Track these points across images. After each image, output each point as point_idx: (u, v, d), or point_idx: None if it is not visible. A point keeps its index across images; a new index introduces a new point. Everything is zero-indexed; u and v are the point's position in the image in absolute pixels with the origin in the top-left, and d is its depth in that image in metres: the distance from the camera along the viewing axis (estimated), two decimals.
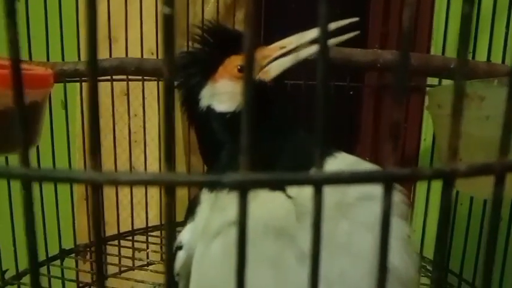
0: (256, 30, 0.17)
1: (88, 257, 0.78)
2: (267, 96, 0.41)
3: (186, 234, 0.39)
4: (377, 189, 0.17)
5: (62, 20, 0.70)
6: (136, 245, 0.82)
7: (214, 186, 0.16)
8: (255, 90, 0.44)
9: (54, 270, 0.72)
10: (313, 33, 0.40)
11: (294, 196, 0.37)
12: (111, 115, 0.82)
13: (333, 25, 0.38)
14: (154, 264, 0.78)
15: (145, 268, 0.78)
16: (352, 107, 1.01)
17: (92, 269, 0.77)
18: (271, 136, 0.39)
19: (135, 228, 0.85)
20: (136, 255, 0.80)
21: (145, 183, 0.16)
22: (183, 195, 0.84)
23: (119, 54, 0.77)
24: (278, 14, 0.92)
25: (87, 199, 0.79)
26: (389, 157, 0.17)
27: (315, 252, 0.17)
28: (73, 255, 0.76)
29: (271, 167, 0.37)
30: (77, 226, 0.79)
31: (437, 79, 0.68)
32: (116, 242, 0.81)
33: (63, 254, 0.74)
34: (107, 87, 0.79)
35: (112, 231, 0.82)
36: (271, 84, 0.41)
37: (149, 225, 0.86)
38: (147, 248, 0.83)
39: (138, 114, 0.89)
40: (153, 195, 0.90)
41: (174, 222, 0.17)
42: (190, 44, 0.86)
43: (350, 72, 0.75)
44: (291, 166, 0.38)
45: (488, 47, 0.64)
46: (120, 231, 0.83)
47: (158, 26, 0.81)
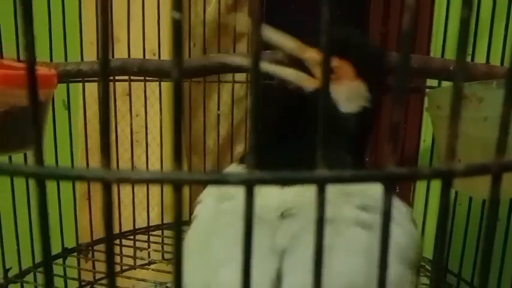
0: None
1: (90, 255, 0.78)
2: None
3: (206, 192, 0.41)
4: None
5: (65, 20, 0.71)
6: (138, 244, 0.83)
7: (221, 184, 0.17)
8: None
9: (57, 269, 0.73)
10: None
11: (291, 195, 0.38)
12: (113, 115, 0.82)
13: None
14: (155, 263, 0.79)
15: (146, 267, 0.78)
16: None
17: (94, 267, 0.78)
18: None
19: (136, 227, 0.85)
20: (138, 254, 0.81)
21: (154, 181, 0.17)
22: (185, 196, 0.85)
23: (120, 54, 0.78)
24: (278, 15, 0.93)
25: (89, 198, 0.80)
26: (389, 157, 0.18)
27: (318, 248, 0.18)
28: (75, 254, 0.77)
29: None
30: (79, 225, 0.79)
31: (437, 81, 0.69)
32: (118, 241, 0.82)
33: (66, 252, 0.75)
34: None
35: (115, 230, 0.83)
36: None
37: (150, 225, 0.87)
38: (149, 247, 0.84)
39: (140, 114, 0.89)
40: (154, 195, 0.91)
41: (182, 218, 0.17)
42: (192, 44, 0.88)
43: None
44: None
45: (487, 49, 0.65)
46: (122, 231, 0.84)
47: (160, 27, 0.82)
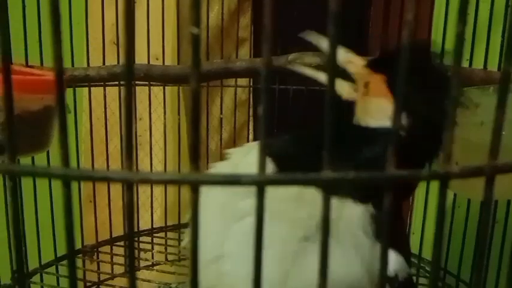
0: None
1: (95, 257, 0.80)
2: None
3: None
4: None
5: (71, 27, 0.72)
6: (142, 245, 0.84)
7: (236, 184, 0.18)
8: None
9: (62, 270, 0.74)
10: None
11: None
12: (118, 119, 0.84)
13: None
14: (159, 264, 0.80)
15: (150, 268, 0.80)
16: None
17: (99, 268, 0.79)
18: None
19: (140, 229, 0.87)
20: (142, 255, 0.82)
21: (173, 182, 0.18)
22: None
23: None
24: (281, 22, 0.95)
25: (94, 201, 0.81)
26: (390, 160, 0.19)
27: (324, 248, 0.19)
28: (80, 255, 0.78)
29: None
30: (84, 227, 0.81)
31: None
32: (122, 242, 0.83)
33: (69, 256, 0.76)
34: (112, 91, 0.81)
35: (118, 232, 0.84)
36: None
37: (154, 227, 0.88)
38: (152, 248, 0.85)
39: (143, 118, 0.91)
40: (157, 197, 0.92)
41: (198, 218, 0.19)
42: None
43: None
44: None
45: (484, 55, 0.66)
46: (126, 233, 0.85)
47: (164, 32, 0.83)
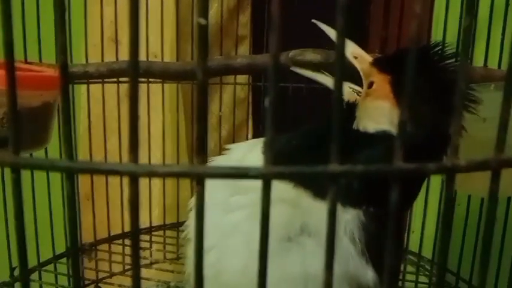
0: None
1: (93, 255, 0.79)
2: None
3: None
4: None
5: (70, 23, 0.72)
6: (140, 244, 0.84)
7: (241, 177, 0.18)
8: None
9: (61, 268, 0.74)
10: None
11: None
12: (116, 116, 0.84)
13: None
14: (158, 263, 0.80)
15: (149, 266, 0.79)
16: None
17: (97, 267, 0.79)
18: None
19: (139, 228, 0.86)
20: (141, 254, 0.81)
21: (180, 174, 0.18)
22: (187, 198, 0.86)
23: (123, 56, 0.79)
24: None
25: (92, 199, 0.81)
26: (397, 153, 0.19)
27: (330, 242, 0.19)
28: (79, 253, 0.78)
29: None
30: (82, 226, 0.80)
31: None
32: (121, 241, 0.83)
33: (70, 252, 0.76)
34: (111, 88, 0.81)
35: (117, 230, 0.84)
36: None
37: (152, 225, 0.88)
38: (151, 247, 0.85)
39: (142, 116, 0.91)
40: (156, 195, 0.92)
41: (204, 210, 0.19)
42: (194, 46, 0.89)
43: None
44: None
45: (485, 53, 0.66)
46: (124, 231, 0.85)
47: (163, 30, 0.83)
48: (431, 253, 0.74)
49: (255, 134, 0.94)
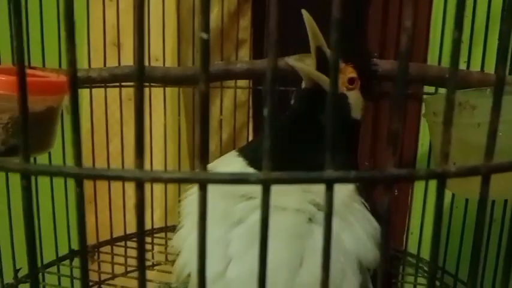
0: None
1: (96, 257, 0.80)
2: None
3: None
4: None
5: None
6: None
7: (242, 183, 0.19)
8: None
9: (64, 270, 0.75)
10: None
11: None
12: (118, 120, 0.85)
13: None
14: (160, 264, 0.81)
15: (150, 268, 0.80)
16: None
17: (100, 268, 0.80)
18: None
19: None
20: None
21: (184, 180, 0.19)
22: None
23: (125, 60, 0.80)
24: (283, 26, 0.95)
25: (95, 202, 0.82)
26: (389, 160, 0.20)
27: (326, 242, 0.20)
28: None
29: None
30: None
31: (434, 87, 0.71)
32: (123, 243, 0.84)
33: (73, 254, 0.77)
34: (112, 92, 0.82)
35: (119, 232, 0.85)
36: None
37: (154, 227, 0.89)
38: (153, 248, 0.86)
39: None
40: (157, 197, 0.93)
41: (206, 214, 0.19)
42: (195, 50, 0.90)
43: None
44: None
45: (482, 57, 0.67)
46: (127, 233, 0.86)
47: (165, 33, 0.84)
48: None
49: (255, 137, 0.95)
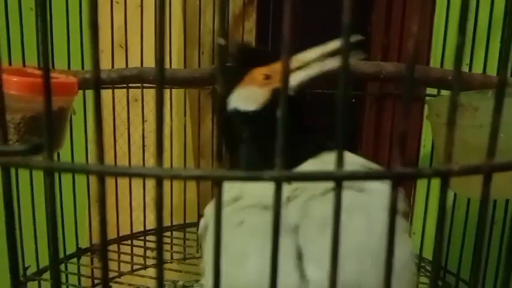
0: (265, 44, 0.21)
1: None
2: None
3: (208, 206, 0.46)
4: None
5: (82, 31, 0.74)
6: (148, 244, 0.86)
7: (256, 180, 0.20)
8: (275, 98, 0.49)
9: (71, 267, 0.76)
10: (327, 48, 0.46)
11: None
12: (124, 120, 0.86)
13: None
14: (166, 262, 0.82)
15: (156, 266, 0.81)
16: (354, 114, 1.06)
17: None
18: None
19: (146, 229, 0.89)
20: (149, 254, 0.84)
21: (201, 178, 0.20)
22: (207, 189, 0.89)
23: (132, 61, 0.81)
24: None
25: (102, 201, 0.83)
26: (396, 159, 0.21)
27: (335, 232, 0.21)
28: (88, 253, 0.80)
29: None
30: (92, 227, 0.83)
31: (437, 89, 0.72)
32: (129, 241, 0.85)
33: (80, 252, 0.78)
34: (118, 93, 0.83)
35: (125, 231, 0.86)
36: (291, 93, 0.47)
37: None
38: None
39: (149, 120, 0.93)
40: (164, 196, 0.94)
41: (221, 211, 0.21)
42: (200, 52, 0.91)
43: (354, 81, 0.79)
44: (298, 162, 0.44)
45: (484, 60, 0.68)
46: (133, 232, 0.87)
47: (171, 36, 0.85)
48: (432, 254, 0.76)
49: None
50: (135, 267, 0.80)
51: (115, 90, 0.81)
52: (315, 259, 0.38)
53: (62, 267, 0.75)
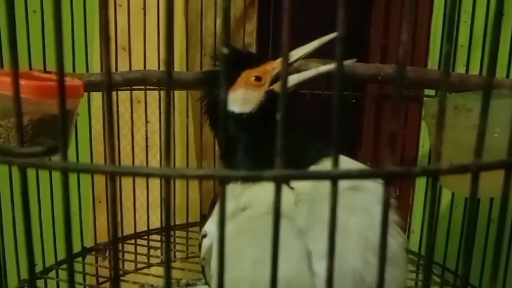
0: (264, 46, 0.22)
1: (107, 254, 0.83)
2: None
3: (209, 225, 0.45)
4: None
5: (86, 34, 0.76)
6: (152, 243, 0.88)
7: (258, 180, 0.22)
8: (269, 99, 0.50)
9: (77, 266, 0.78)
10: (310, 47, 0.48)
11: (293, 186, 0.44)
12: (127, 121, 0.87)
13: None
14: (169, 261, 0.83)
15: (160, 265, 0.83)
16: (354, 115, 1.07)
17: (111, 265, 0.82)
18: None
19: (150, 228, 0.90)
20: (152, 253, 0.85)
21: (206, 177, 0.21)
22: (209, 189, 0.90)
23: (135, 64, 0.83)
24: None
25: (107, 201, 0.85)
26: (387, 158, 0.23)
27: (331, 231, 0.23)
28: (93, 252, 0.82)
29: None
30: (96, 226, 0.84)
31: (434, 90, 0.74)
32: (133, 241, 0.86)
33: (85, 251, 0.80)
34: (121, 95, 0.85)
35: (129, 231, 0.87)
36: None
37: (163, 226, 0.92)
38: (162, 246, 0.88)
39: (151, 121, 0.94)
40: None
41: (225, 210, 0.22)
42: (202, 54, 0.92)
43: (353, 83, 0.81)
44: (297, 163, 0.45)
45: (480, 61, 0.69)
46: (136, 231, 0.89)
47: (174, 38, 0.86)
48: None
49: None
50: (139, 265, 0.82)
51: (118, 92, 0.83)
52: (322, 254, 0.40)
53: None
